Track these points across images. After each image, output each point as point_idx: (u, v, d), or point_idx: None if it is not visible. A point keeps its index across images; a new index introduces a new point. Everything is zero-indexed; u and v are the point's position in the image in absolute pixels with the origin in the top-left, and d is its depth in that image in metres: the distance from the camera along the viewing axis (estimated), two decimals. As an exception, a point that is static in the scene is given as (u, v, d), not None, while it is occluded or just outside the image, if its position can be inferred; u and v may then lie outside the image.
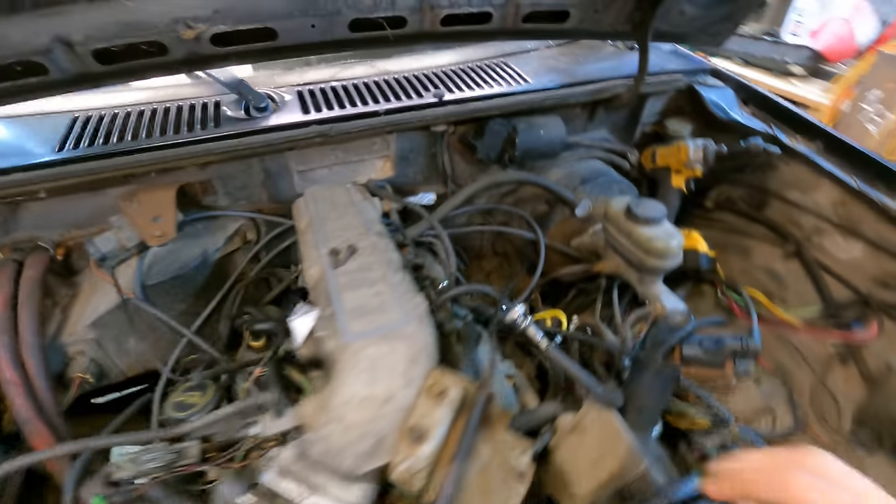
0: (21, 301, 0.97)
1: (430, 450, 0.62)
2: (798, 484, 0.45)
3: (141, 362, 1.19)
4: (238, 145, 0.96)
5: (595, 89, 1.23)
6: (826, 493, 0.44)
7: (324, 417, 0.65)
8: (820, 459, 0.47)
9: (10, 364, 0.93)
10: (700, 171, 1.35)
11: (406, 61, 1.27)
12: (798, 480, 0.45)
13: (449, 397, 0.66)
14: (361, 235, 0.94)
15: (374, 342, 0.71)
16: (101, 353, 1.14)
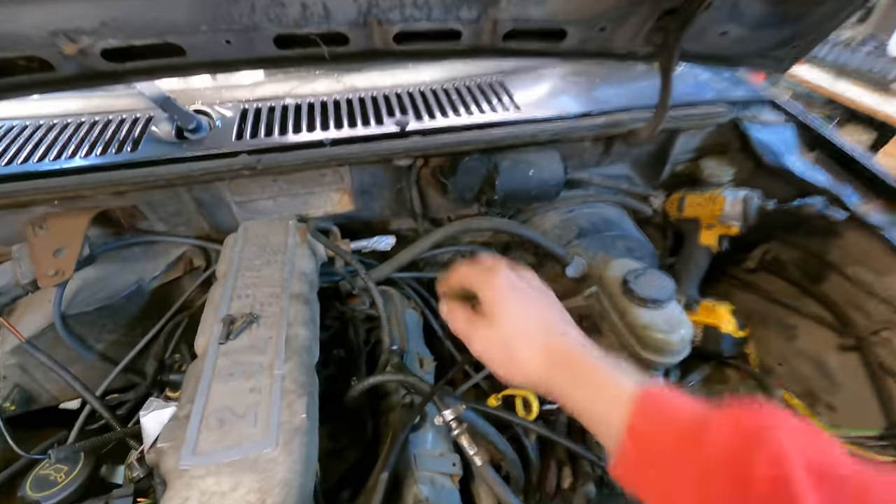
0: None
1: None
2: (496, 282, 0.56)
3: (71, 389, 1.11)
4: (149, 175, 0.82)
5: (604, 123, 0.99)
6: (508, 291, 0.56)
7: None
8: (526, 274, 0.59)
9: None
10: (737, 229, 1.08)
11: (379, 77, 1.08)
12: (498, 280, 0.57)
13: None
14: (273, 297, 0.78)
15: (215, 470, 0.55)
16: (26, 378, 1.05)
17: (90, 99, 1.01)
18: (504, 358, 0.55)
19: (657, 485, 0.44)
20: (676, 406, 0.45)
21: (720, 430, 0.41)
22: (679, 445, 0.42)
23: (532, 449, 1.03)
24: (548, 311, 0.57)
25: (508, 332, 0.54)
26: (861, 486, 0.36)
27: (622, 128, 0.99)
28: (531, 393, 0.99)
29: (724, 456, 0.39)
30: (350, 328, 1.09)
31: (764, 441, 0.38)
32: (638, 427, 0.45)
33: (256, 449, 0.56)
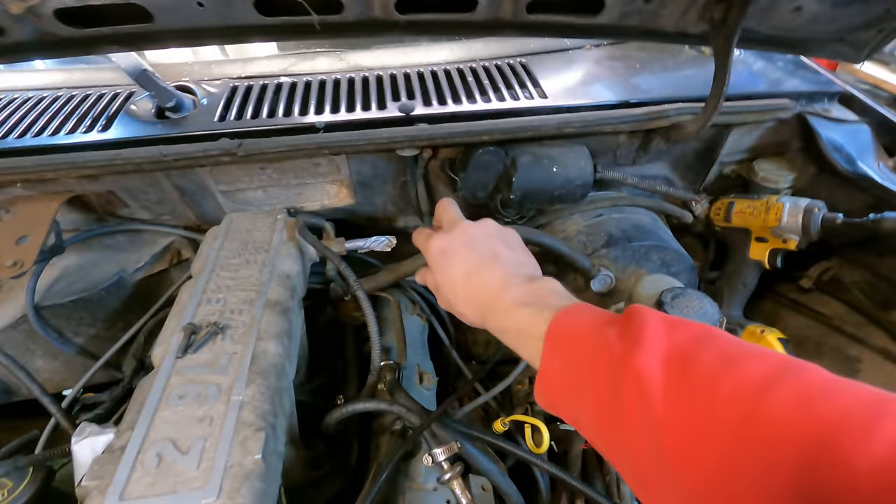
0: None
1: None
2: (429, 250, 0.60)
3: (55, 382, 1.05)
4: (114, 158, 0.72)
5: (644, 115, 0.85)
6: (438, 256, 0.59)
7: None
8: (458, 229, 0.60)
9: None
10: (795, 243, 0.92)
11: (387, 55, 0.96)
12: (430, 246, 0.60)
13: None
14: (246, 304, 0.68)
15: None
16: (3, 370, 1.00)
17: (71, 72, 0.92)
18: (456, 312, 0.59)
19: (566, 407, 0.45)
20: (577, 330, 0.44)
21: (596, 352, 0.41)
22: (574, 371, 0.43)
23: (543, 481, 0.91)
24: (472, 264, 0.57)
25: (447, 292, 0.59)
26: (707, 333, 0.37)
27: (666, 121, 0.85)
28: (541, 422, 0.87)
29: (602, 383, 0.39)
30: (347, 334, 0.98)
31: (627, 362, 0.37)
32: (547, 365, 0.45)
33: (193, 499, 0.46)
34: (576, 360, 0.43)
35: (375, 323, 0.73)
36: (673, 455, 0.33)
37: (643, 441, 0.36)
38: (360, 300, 0.73)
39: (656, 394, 0.35)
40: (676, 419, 0.34)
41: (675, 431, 0.34)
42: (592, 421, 0.42)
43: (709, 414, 0.33)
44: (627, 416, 0.37)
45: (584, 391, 0.42)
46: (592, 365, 0.41)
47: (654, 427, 0.35)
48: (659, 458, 0.35)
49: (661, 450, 0.34)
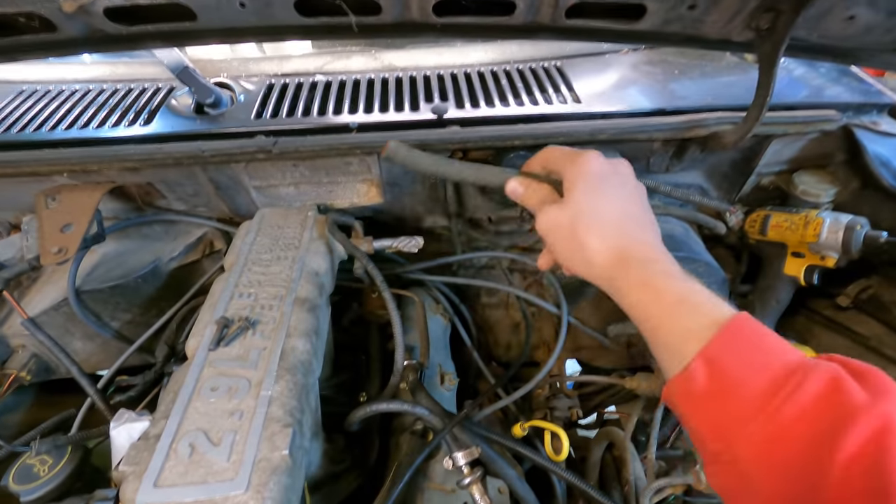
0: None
1: None
2: (583, 165, 0.53)
3: (91, 363, 1.09)
4: (156, 152, 0.74)
5: (681, 123, 0.83)
6: (593, 177, 0.52)
7: None
8: (621, 167, 0.56)
9: None
10: (834, 260, 0.89)
11: (421, 56, 0.96)
12: (587, 163, 0.53)
13: None
14: (277, 300, 0.69)
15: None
16: (44, 349, 1.04)
17: (116, 66, 0.95)
18: (569, 242, 0.52)
19: (714, 420, 0.40)
20: (769, 344, 0.41)
21: (814, 386, 0.36)
22: (762, 385, 0.38)
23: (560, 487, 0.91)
24: (634, 209, 0.53)
25: (582, 216, 0.51)
26: None
27: (704, 130, 0.82)
28: (561, 429, 0.87)
29: (810, 417, 0.35)
30: (372, 332, 1.00)
31: (862, 414, 0.34)
32: (715, 354, 0.41)
33: (223, 490, 0.48)
34: (767, 369, 0.39)
35: (400, 323, 0.74)
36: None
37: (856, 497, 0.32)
38: (385, 300, 0.74)
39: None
40: None
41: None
42: (760, 441, 0.37)
43: None
44: (839, 465, 0.32)
45: (769, 406, 0.37)
46: (798, 386, 0.37)
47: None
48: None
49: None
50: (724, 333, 0.41)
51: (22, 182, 0.89)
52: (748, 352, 0.40)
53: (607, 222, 0.51)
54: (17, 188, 0.90)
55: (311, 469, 0.68)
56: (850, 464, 0.32)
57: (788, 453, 0.35)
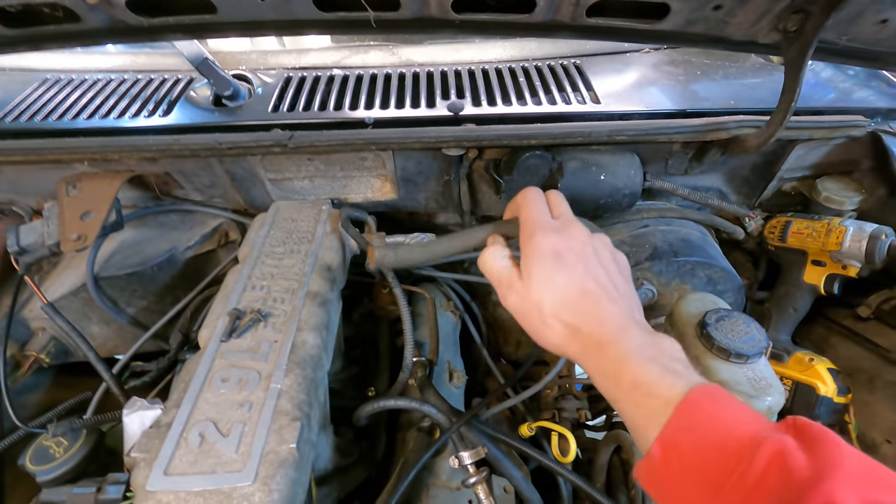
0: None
1: None
2: (539, 243, 0.52)
3: (107, 348, 1.11)
4: (173, 143, 0.75)
5: (702, 126, 0.81)
6: (549, 257, 0.51)
7: None
8: (580, 237, 0.53)
9: None
10: (857, 270, 0.87)
11: (438, 51, 0.95)
12: (542, 241, 0.52)
13: None
14: (289, 293, 0.70)
15: (183, 499, 0.47)
16: (62, 333, 1.07)
17: (137, 56, 0.96)
18: (530, 324, 0.53)
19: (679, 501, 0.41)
20: (725, 418, 0.41)
21: (759, 466, 0.36)
22: (714, 466, 0.39)
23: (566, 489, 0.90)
24: (590, 286, 0.50)
25: (539, 299, 0.51)
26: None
27: (725, 133, 0.81)
28: (568, 431, 0.86)
29: (767, 496, 0.35)
30: (382, 327, 1.00)
31: (817, 487, 0.34)
32: (670, 439, 0.41)
33: (231, 481, 0.48)
34: (720, 449, 0.39)
35: (410, 320, 0.74)
36: None
37: None
38: (396, 297, 0.74)
39: None
40: None
41: None
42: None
43: None
44: None
45: (723, 490, 0.37)
46: (748, 466, 0.36)
47: None
48: None
49: None
50: (679, 415, 0.41)
51: (44, 169, 0.91)
52: (703, 430, 0.40)
53: (560, 306, 0.50)
54: (39, 175, 0.92)
55: (319, 462, 0.69)
56: None
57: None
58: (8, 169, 0.94)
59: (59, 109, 0.84)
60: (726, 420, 0.40)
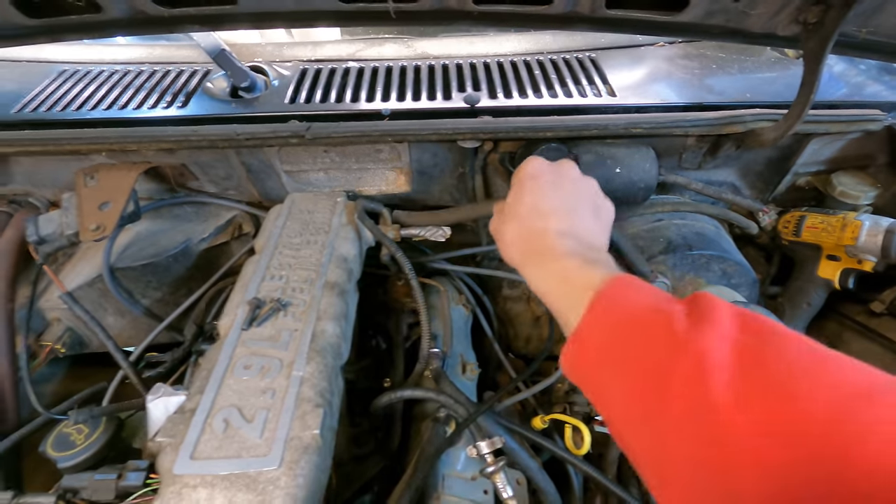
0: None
1: None
2: (521, 169, 0.60)
3: (122, 339, 1.12)
4: (191, 135, 0.76)
5: (717, 119, 0.81)
6: (526, 179, 0.58)
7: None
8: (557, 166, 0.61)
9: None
10: (872, 265, 0.87)
11: (454, 44, 0.96)
12: (524, 168, 0.60)
13: None
14: (307, 283, 0.70)
15: (210, 482, 0.48)
16: (78, 323, 1.07)
17: (153, 48, 0.96)
18: (497, 235, 0.59)
19: (597, 374, 0.42)
20: (636, 298, 0.42)
21: (655, 329, 0.38)
22: (619, 342, 0.40)
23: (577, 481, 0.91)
24: (556, 203, 0.56)
25: (508, 212, 0.58)
26: (777, 334, 0.34)
27: (741, 126, 0.81)
28: (582, 424, 0.87)
29: (653, 359, 0.37)
30: (392, 320, 1.01)
31: (691, 342, 0.35)
32: (592, 318, 0.43)
33: (257, 465, 0.49)
34: (624, 327, 0.40)
35: (427, 311, 0.75)
36: (732, 458, 0.29)
37: (685, 433, 0.32)
38: (413, 288, 0.74)
39: (719, 382, 0.31)
40: (745, 418, 0.30)
41: (741, 432, 0.29)
42: (622, 398, 0.38)
43: (791, 419, 0.28)
44: (673, 402, 0.33)
45: (623, 363, 0.38)
46: (644, 337, 0.38)
47: (708, 420, 0.31)
48: (703, 455, 0.31)
49: (712, 445, 0.30)
50: (594, 302, 0.43)
51: (62, 160, 0.91)
52: (616, 313, 0.42)
53: (517, 217, 0.56)
54: (56, 166, 0.93)
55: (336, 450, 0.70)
56: (678, 398, 0.33)
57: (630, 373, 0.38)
58: (25, 160, 0.94)
59: (77, 101, 0.85)
60: (636, 298, 0.42)
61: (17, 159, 0.95)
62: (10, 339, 0.92)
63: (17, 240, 0.94)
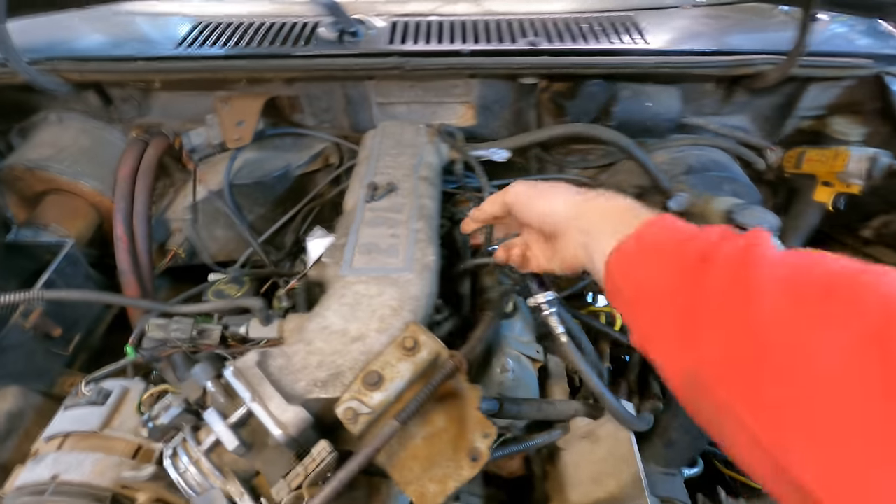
0: (139, 175, 1.14)
1: (381, 399, 0.59)
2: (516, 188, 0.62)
3: (226, 251, 1.35)
4: (316, 66, 0.98)
5: (730, 62, 1.00)
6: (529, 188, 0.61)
7: (296, 337, 0.66)
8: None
9: (122, 223, 1.09)
10: (858, 187, 1.05)
11: (515, 4, 1.16)
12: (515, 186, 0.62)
13: (419, 355, 0.63)
14: (406, 176, 0.92)
15: (366, 280, 0.69)
16: (194, 234, 1.31)
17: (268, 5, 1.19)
18: (537, 197, 0.60)
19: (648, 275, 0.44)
20: (680, 227, 0.46)
21: (718, 239, 0.41)
22: (673, 248, 0.43)
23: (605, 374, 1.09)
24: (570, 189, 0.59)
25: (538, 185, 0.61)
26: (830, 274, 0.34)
27: (751, 69, 1.00)
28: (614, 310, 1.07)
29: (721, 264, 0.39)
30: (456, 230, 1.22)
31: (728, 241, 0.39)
32: (635, 240, 0.46)
33: (397, 272, 0.70)
34: (673, 240, 0.43)
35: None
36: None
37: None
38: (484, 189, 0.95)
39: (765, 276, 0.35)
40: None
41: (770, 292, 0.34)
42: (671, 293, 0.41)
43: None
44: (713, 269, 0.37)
45: (684, 263, 0.41)
46: (703, 239, 0.41)
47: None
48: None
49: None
50: (648, 223, 0.47)
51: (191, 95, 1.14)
52: (668, 231, 0.46)
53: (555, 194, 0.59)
54: (186, 100, 1.16)
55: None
56: (720, 267, 0.38)
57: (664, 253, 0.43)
58: (163, 95, 1.18)
59: (219, 43, 1.07)
60: (682, 226, 0.46)
61: (156, 94, 1.18)
62: (150, 240, 1.14)
63: (156, 158, 1.16)
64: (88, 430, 0.71)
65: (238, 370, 0.60)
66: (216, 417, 0.57)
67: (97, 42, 1.14)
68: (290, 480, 0.56)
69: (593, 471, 0.88)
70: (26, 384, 0.89)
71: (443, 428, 0.63)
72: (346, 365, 0.63)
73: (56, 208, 1.17)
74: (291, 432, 0.56)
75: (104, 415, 0.73)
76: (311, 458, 0.56)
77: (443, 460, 0.61)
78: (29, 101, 1.20)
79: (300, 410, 0.57)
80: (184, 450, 0.58)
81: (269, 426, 0.56)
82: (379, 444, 0.56)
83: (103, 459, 0.68)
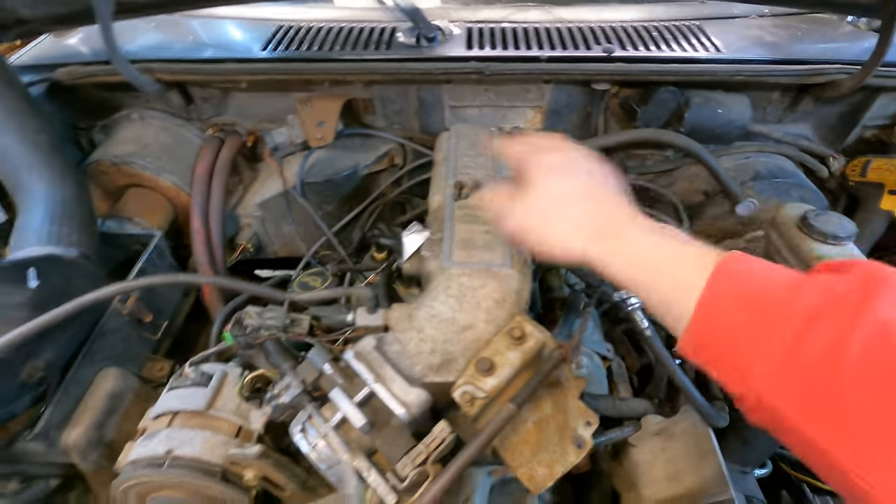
0: (216, 171, 1.19)
1: (494, 384, 0.62)
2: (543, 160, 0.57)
3: (290, 246, 1.39)
4: (398, 69, 1.02)
5: (804, 70, 1.02)
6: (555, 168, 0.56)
7: (406, 324, 0.69)
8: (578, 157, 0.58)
9: (199, 217, 1.14)
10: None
11: (585, 11, 1.20)
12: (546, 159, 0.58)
13: (526, 344, 0.66)
14: (489, 177, 0.95)
15: (469, 273, 0.72)
16: (262, 229, 1.35)
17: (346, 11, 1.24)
18: (542, 228, 0.54)
19: (728, 365, 0.40)
20: (759, 274, 0.41)
21: (810, 300, 0.37)
22: (760, 309, 0.39)
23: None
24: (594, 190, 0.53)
25: (548, 201, 0.53)
26: None
27: (824, 77, 1.02)
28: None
29: (813, 332, 0.35)
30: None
31: (860, 314, 0.34)
32: (712, 295, 0.41)
33: (497, 266, 0.73)
34: (762, 297, 0.39)
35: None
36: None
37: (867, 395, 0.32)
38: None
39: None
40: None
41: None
42: (778, 366, 0.36)
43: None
44: (848, 366, 0.33)
45: (771, 333, 0.37)
46: (796, 300, 0.37)
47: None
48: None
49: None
50: (717, 276, 0.41)
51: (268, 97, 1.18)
52: (741, 289, 0.41)
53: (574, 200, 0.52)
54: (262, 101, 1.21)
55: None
56: (862, 361, 0.33)
57: (801, 371, 0.35)
58: (240, 95, 1.23)
59: (303, 46, 1.12)
60: (762, 275, 0.41)
61: (234, 94, 1.23)
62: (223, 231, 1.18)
63: (231, 156, 1.21)
64: (195, 409, 0.75)
65: (359, 353, 0.63)
66: (343, 396, 0.61)
67: (182, 45, 1.20)
68: (413, 457, 0.59)
69: (668, 467, 0.90)
70: (123, 367, 0.93)
71: (550, 414, 0.66)
72: (457, 352, 0.66)
73: (138, 202, 1.22)
74: (414, 412, 0.60)
75: (209, 396, 0.77)
76: (432, 437, 0.60)
77: (550, 445, 0.64)
78: (112, 100, 1.26)
79: (422, 392, 0.61)
80: (312, 425, 0.61)
81: (393, 406, 0.60)
82: (499, 423, 0.59)
83: (211, 437, 0.72)
